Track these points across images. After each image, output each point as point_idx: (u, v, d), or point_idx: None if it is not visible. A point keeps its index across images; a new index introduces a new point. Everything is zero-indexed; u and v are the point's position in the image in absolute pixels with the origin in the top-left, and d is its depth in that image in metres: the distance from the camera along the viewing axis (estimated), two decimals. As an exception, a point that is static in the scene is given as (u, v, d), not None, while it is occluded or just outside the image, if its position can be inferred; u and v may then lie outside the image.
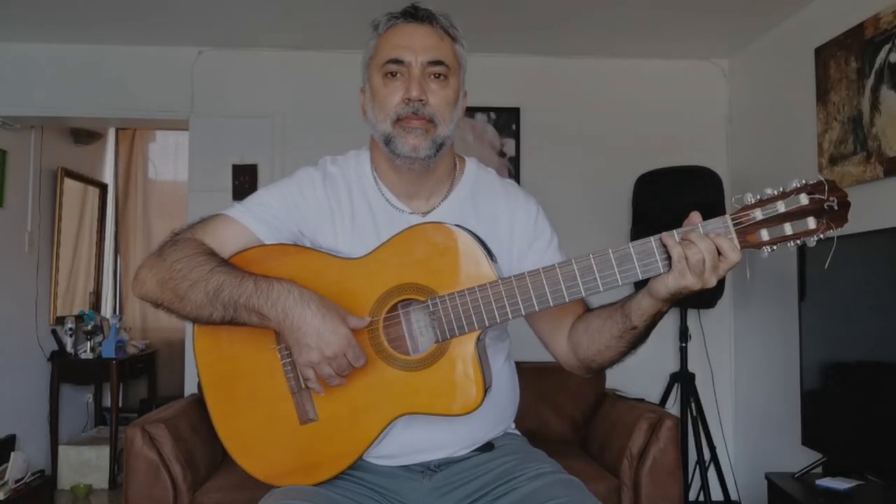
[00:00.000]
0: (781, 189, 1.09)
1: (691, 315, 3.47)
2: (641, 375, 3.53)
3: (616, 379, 3.36)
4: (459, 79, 1.34)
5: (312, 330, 1.15)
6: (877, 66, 2.54)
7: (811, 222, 1.08)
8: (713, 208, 2.94)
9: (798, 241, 1.09)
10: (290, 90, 3.64)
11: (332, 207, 1.34)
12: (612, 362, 1.30)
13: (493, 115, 3.67)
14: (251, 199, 1.36)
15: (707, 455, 3.22)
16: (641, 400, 3.09)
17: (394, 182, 1.36)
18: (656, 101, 3.72)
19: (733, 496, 3.38)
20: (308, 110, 3.62)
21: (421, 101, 1.27)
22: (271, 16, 3.22)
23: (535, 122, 3.68)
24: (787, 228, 1.08)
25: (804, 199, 1.07)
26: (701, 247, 1.08)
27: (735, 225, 1.10)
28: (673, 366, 3.54)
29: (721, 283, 3.30)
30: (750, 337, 3.52)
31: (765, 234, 1.09)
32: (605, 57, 3.71)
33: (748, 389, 3.54)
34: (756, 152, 3.49)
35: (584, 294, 1.15)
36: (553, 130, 3.70)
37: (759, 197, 1.09)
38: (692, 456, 3.25)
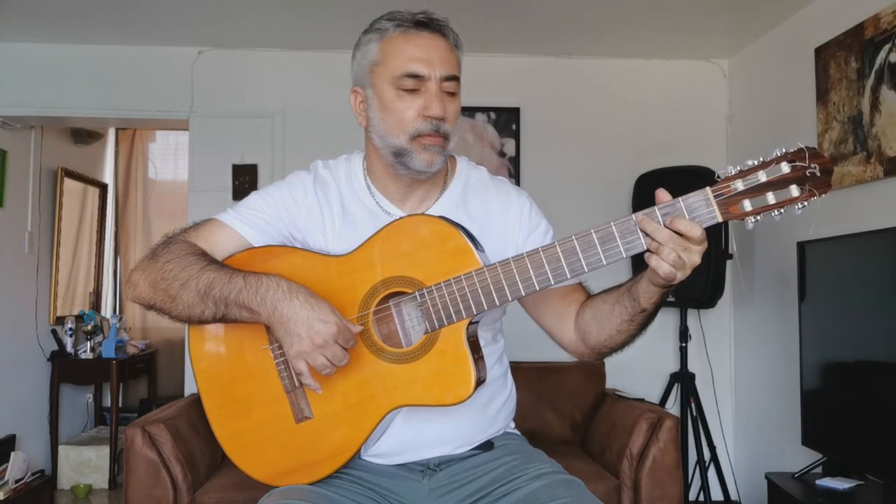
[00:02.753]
0: (762, 159, 1.08)
1: (691, 315, 3.47)
2: (641, 375, 3.54)
3: (616, 379, 3.37)
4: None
5: (301, 320, 1.16)
6: (877, 66, 2.54)
7: (794, 190, 1.06)
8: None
9: (782, 210, 1.07)
10: (290, 90, 3.64)
11: (322, 211, 1.36)
12: (624, 345, 1.30)
13: (493, 115, 3.67)
14: (243, 204, 1.38)
15: (707, 455, 3.22)
16: (641, 400, 3.09)
17: (388, 187, 1.37)
18: (656, 101, 3.72)
19: (733, 496, 3.38)
20: (308, 110, 3.62)
21: (442, 118, 1.27)
22: (271, 16, 3.22)
23: (535, 122, 3.68)
24: (770, 198, 1.07)
25: (785, 168, 1.06)
26: (677, 250, 1.09)
27: (716, 197, 1.09)
28: (673, 366, 3.54)
29: (721, 283, 3.32)
30: (750, 337, 3.52)
31: (747, 205, 1.08)
32: (605, 57, 3.71)
33: (748, 389, 3.54)
34: (756, 152, 3.46)
35: (569, 276, 1.15)
36: (553, 130, 3.70)
37: (739, 168, 1.09)
38: (692, 456, 3.25)
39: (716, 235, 3.10)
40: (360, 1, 2.99)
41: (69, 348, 4.18)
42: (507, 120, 3.67)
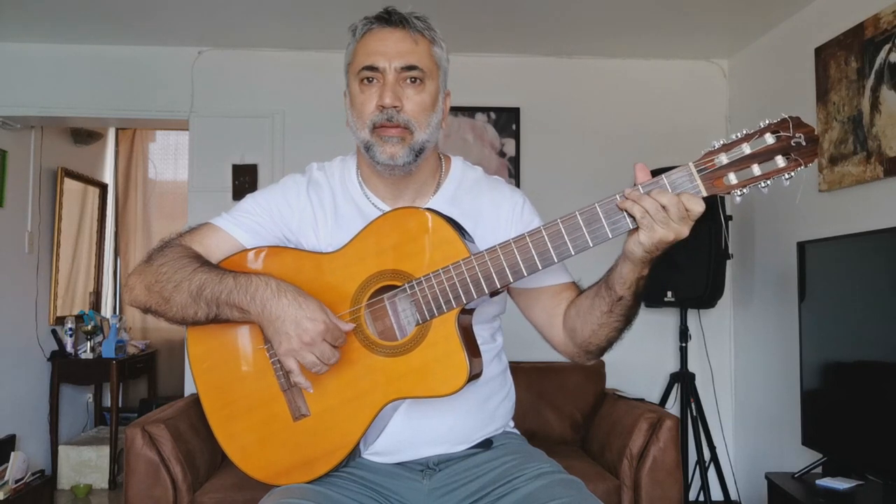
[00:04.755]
0: (746, 131, 1.07)
1: (691, 315, 3.47)
2: (641, 375, 3.54)
3: (616, 379, 3.37)
4: (438, 81, 1.35)
5: (289, 318, 1.18)
6: (877, 66, 2.54)
7: (780, 161, 1.05)
8: (713, 208, 2.94)
9: (768, 182, 1.06)
10: (290, 90, 3.64)
11: (315, 213, 1.37)
12: (610, 341, 1.28)
13: (493, 115, 3.66)
14: (237, 207, 1.40)
15: (707, 455, 3.22)
16: (641, 400, 3.09)
17: (378, 186, 1.38)
18: (656, 101, 3.72)
19: (733, 496, 3.38)
20: (308, 110, 3.62)
21: (395, 107, 1.28)
22: (271, 16, 3.22)
23: (535, 122, 3.68)
24: (756, 170, 1.06)
25: (770, 139, 1.06)
26: (661, 200, 1.08)
27: (700, 171, 1.08)
28: (673, 366, 3.54)
29: (721, 282, 3.31)
30: (750, 337, 3.52)
31: (733, 178, 1.07)
32: (605, 57, 3.71)
33: (748, 389, 3.54)
34: (756, 152, 3.48)
35: (556, 259, 1.15)
36: (553, 130, 3.69)
37: (723, 141, 1.08)
38: (692, 456, 3.25)
39: (716, 235, 3.10)
40: (361, 1, 2.99)
41: (69, 348, 4.18)
42: (507, 120, 3.67)
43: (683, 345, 3.34)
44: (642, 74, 3.73)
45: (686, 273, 3.12)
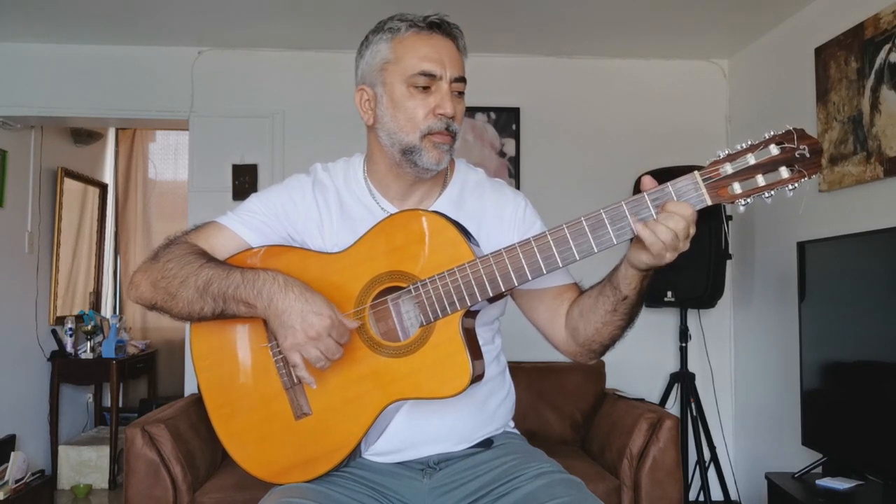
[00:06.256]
0: (750, 142, 1.08)
1: (691, 315, 3.47)
2: (641, 375, 3.54)
3: (616, 379, 3.37)
4: None
5: (296, 312, 1.18)
6: (877, 65, 2.54)
7: (784, 172, 1.06)
8: (715, 208, 2.94)
9: (773, 192, 1.07)
10: (290, 90, 3.64)
11: (321, 213, 1.38)
12: (613, 339, 1.29)
13: (493, 115, 3.67)
14: (242, 207, 1.40)
15: (707, 455, 3.22)
16: (641, 400, 3.09)
17: (389, 186, 1.38)
18: (656, 101, 3.72)
19: (733, 496, 3.38)
20: (308, 110, 3.62)
21: (452, 117, 1.30)
22: (271, 16, 3.22)
23: (535, 122, 3.68)
24: (760, 180, 1.07)
25: (774, 150, 1.07)
26: (674, 228, 1.08)
27: (705, 180, 1.09)
28: (673, 366, 3.54)
29: (721, 282, 3.31)
30: (750, 337, 3.52)
31: (737, 188, 1.08)
32: (605, 57, 3.71)
33: (748, 389, 3.54)
34: (756, 152, 3.48)
35: (560, 264, 1.16)
36: (553, 130, 3.70)
37: (728, 151, 1.09)
38: (692, 456, 3.25)
39: (716, 235, 3.10)
40: (361, 1, 3.00)
41: (69, 348, 4.18)
42: (507, 120, 3.67)
43: (683, 345, 3.34)
44: (642, 74, 3.73)
45: (686, 273, 3.12)
